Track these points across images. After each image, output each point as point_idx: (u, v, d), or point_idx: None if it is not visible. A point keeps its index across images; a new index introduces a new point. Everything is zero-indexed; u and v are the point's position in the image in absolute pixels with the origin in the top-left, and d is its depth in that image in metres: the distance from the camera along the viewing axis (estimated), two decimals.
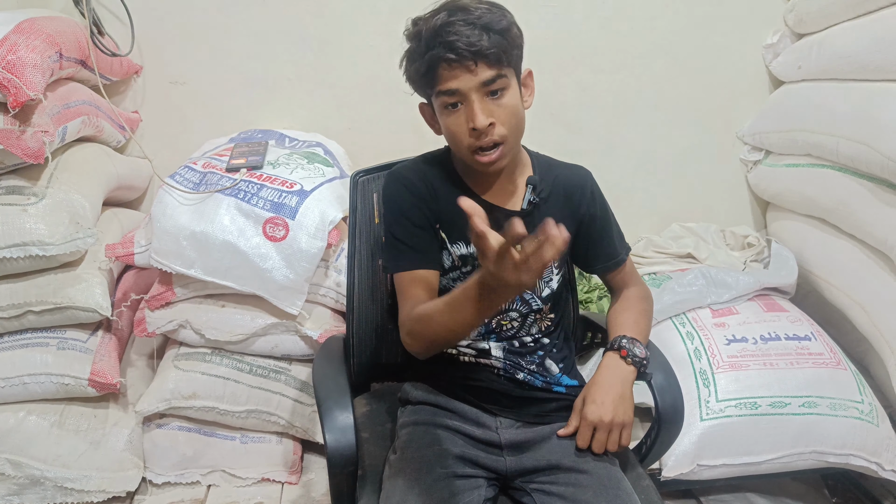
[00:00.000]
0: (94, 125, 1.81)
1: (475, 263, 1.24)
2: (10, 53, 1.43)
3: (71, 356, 1.63)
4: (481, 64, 1.08)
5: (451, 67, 1.09)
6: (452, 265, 1.25)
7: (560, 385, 1.28)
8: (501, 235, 0.88)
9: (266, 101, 2.16)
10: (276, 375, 1.77)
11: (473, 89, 1.10)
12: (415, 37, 1.12)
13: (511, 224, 0.83)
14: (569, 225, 1.27)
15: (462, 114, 1.12)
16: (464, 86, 1.09)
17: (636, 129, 2.35)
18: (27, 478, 1.63)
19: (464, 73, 1.09)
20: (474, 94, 1.10)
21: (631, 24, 2.22)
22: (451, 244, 1.24)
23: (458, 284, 1.23)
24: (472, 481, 1.14)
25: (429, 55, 1.09)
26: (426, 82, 1.13)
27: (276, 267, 1.63)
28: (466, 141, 1.13)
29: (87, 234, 1.57)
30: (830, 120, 1.90)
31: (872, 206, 1.78)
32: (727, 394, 1.69)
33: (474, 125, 1.10)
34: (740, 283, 1.94)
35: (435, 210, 1.23)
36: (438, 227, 1.24)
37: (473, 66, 1.08)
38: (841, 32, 1.98)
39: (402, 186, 1.25)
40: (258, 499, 1.78)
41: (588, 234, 1.31)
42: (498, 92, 1.12)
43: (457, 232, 1.23)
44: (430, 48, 1.09)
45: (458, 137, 1.14)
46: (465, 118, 1.11)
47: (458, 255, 1.24)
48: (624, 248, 1.36)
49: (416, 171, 1.26)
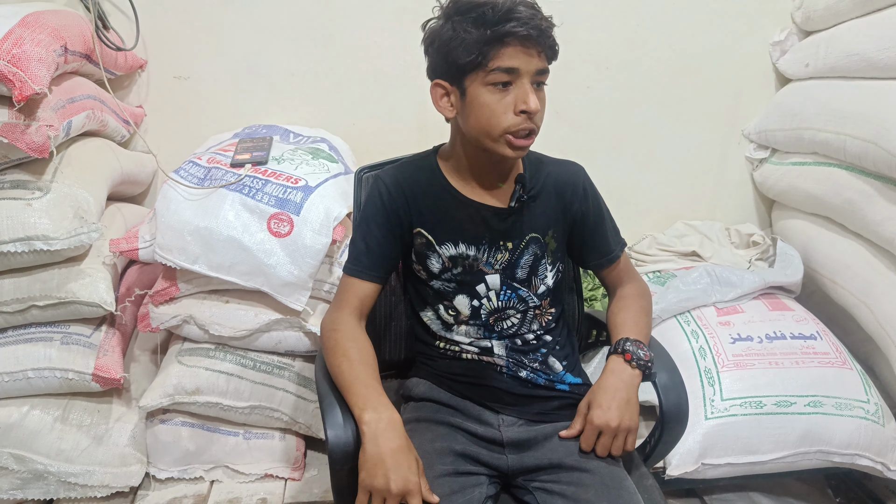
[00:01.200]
0: (98, 120, 1.81)
1: (465, 264, 1.25)
2: (16, 47, 1.43)
3: (75, 351, 1.63)
4: (542, 53, 1.11)
5: (520, 45, 1.08)
6: (443, 267, 1.26)
7: (563, 383, 1.27)
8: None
9: (270, 97, 2.16)
10: (280, 371, 1.76)
11: (530, 73, 1.10)
12: (473, 8, 1.09)
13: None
14: (560, 222, 1.29)
15: (510, 94, 1.11)
16: (525, 66, 1.09)
17: (641, 127, 2.34)
18: (30, 472, 1.63)
19: (529, 55, 1.09)
20: (528, 78, 1.10)
21: (637, 21, 2.21)
22: (440, 245, 1.25)
23: (451, 286, 1.25)
24: (473, 478, 1.14)
25: (500, 28, 1.07)
26: (483, 53, 1.09)
27: (281, 263, 1.62)
28: (507, 122, 1.11)
29: (91, 229, 1.57)
30: (838, 118, 1.89)
31: (879, 204, 1.77)
32: (732, 393, 1.68)
33: (527, 107, 1.10)
34: (745, 282, 1.93)
35: (413, 215, 1.24)
36: (419, 231, 1.25)
37: (537, 52, 1.10)
38: (849, 30, 1.97)
39: (376, 192, 1.27)
40: (261, 495, 1.78)
41: (581, 230, 1.31)
42: (541, 85, 1.14)
43: (443, 233, 1.24)
44: (504, 20, 1.07)
45: (498, 118, 1.11)
46: (512, 98, 1.11)
47: (447, 255, 1.25)
48: (618, 244, 1.35)
49: (395, 178, 1.27)
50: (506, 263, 1.25)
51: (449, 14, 1.11)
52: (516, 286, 1.26)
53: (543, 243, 1.27)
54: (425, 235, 1.25)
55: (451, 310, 1.28)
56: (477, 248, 1.24)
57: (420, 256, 1.27)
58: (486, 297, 1.26)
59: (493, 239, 1.24)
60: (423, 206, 1.24)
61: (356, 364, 1.14)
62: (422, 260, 1.27)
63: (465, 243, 1.24)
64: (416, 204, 1.24)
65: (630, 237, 1.79)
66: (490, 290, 1.26)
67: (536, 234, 1.26)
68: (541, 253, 1.27)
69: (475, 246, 1.24)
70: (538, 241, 1.26)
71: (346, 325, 1.21)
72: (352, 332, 1.20)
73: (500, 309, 1.26)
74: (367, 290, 1.24)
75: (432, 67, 1.18)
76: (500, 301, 1.26)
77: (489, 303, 1.26)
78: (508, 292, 1.26)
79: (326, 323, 1.23)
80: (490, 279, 1.25)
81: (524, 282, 1.27)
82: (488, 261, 1.25)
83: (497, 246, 1.24)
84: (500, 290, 1.26)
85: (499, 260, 1.25)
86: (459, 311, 1.27)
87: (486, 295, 1.26)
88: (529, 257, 1.26)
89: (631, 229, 1.40)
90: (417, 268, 1.29)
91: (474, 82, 1.12)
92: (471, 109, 1.14)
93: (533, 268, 1.27)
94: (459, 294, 1.26)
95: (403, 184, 1.25)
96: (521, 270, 1.26)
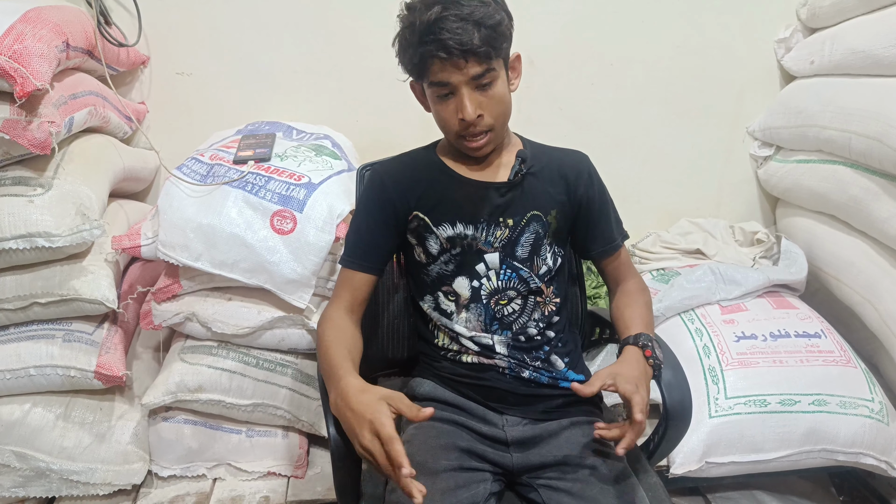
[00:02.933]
0: (100, 116, 1.80)
1: (464, 244, 1.26)
2: (17, 43, 1.42)
3: (77, 348, 1.63)
4: (472, 61, 1.12)
5: (442, 63, 1.12)
6: (441, 248, 1.27)
7: (566, 380, 1.27)
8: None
9: (273, 93, 2.15)
10: (283, 369, 1.76)
11: (463, 83, 1.14)
12: (408, 26, 1.14)
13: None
14: (565, 204, 1.30)
15: (452, 103, 1.17)
16: (454, 80, 1.14)
17: (645, 124, 2.34)
18: (32, 470, 1.63)
19: (454, 69, 1.13)
20: (464, 88, 1.14)
21: (641, 18, 2.20)
22: (437, 227, 1.26)
23: (450, 268, 1.26)
24: (477, 474, 1.14)
25: (421, 50, 1.12)
26: (418, 72, 1.17)
27: (284, 260, 1.62)
28: (455, 128, 1.19)
29: (93, 226, 1.56)
30: (843, 115, 1.89)
31: (884, 202, 1.77)
32: (736, 391, 1.68)
33: (463, 117, 1.15)
34: (749, 280, 1.92)
35: (409, 201, 1.27)
36: (416, 214, 1.27)
37: (464, 63, 1.12)
38: (854, 27, 1.96)
39: (370, 184, 1.32)
40: (264, 493, 1.78)
41: (587, 216, 1.33)
42: (487, 84, 1.16)
43: (440, 214, 1.26)
44: (422, 43, 1.11)
45: (448, 124, 1.20)
46: (454, 108, 1.16)
47: (444, 236, 1.26)
48: (621, 234, 1.37)
49: (390, 168, 1.32)
50: (505, 241, 1.25)
51: (400, 22, 1.17)
52: (517, 265, 1.26)
53: (546, 222, 1.27)
54: (422, 218, 1.26)
55: (450, 295, 1.28)
56: (475, 227, 1.25)
57: (420, 240, 1.29)
58: (485, 276, 1.26)
59: (493, 215, 1.25)
60: (420, 190, 1.27)
61: (336, 351, 1.15)
62: (421, 243, 1.29)
63: (462, 223, 1.25)
64: (413, 189, 1.27)
65: (634, 235, 1.79)
66: (490, 269, 1.26)
67: (538, 212, 1.27)
68: (542, 232, 1.27)
69: (473, 225, 1.25)
70: (540, 219, 1.27)
71: (332, 317, 1.24)
72: (336, 321, 1.23)
73: (501, 290, 1.26)
74: (359, 280, 1.27)
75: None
76: (501, 280, 1.26)
77: (489, 282, 1.26)
78: (509, 272, 1.26)
79: (320, 318, 1.26)
80: (489, 258, 1.26)
81: (525, 261, 1.27)
82: (487, 239, 1.25)
83: (496, 223, 1.25)
84: (499, 269, 1.26)
85: (498, 237, 1.25)
86: (459, 295, 1.27)
87: (486, 274, 1.26)
88: (531, 235, 1.26)
89: (635, 227, 1.40)
90: (418, 251, 1.30)
91: (427, 92, 1.21)
92: (433, 114, 1.23)
93: (535, 247, 1.27)
94: (459, 276, 1.27)
95: (399, 171, 1.29)
96: (522, 249, 1.26)
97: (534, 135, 1.37)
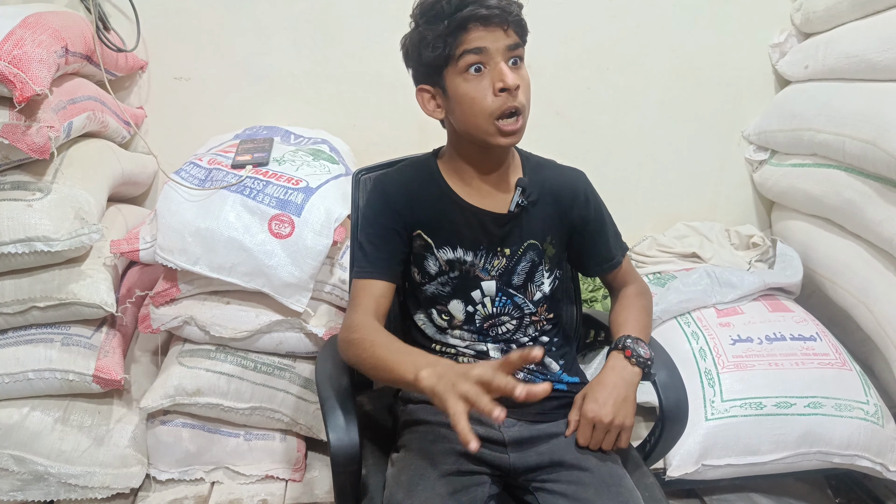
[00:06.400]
0: (99, 121, 1.81)
1: (462, 269, 1.24)
2: (17, 48, 1.43)
3: (75, 352, 1.63)
4: (510, 29, 1.10)
5: (483, 26, 1.08)
6: (440, 270, 1.25)
7: (561, 382, 1.28)
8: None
9: (271, 98, 2.16)
10: (281, 373, 1.76)
11: (501, 51, 1.10)
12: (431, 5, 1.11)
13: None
14: (557, 228, 1.28)
15: (485, 77, 1.10)
16: (493, 45, 1.09)
17: (641, 128, 2.34)
18: (31, 473, 1.63)
19: (494, 34, 1.09)
20: (500, 56, 1.10)
21: (637, 22, 2.21)
22: (438, 249, 1.24)
23: (446, 290, 1.25)
24: (476, 478, 1.14)
25: (461, 13, 1.07)
26: (448, 44, 1.10)
27: (282, 264, 1.63)
28: (490, 106, 1.10)
29: (92, 230, 1.56)
30: (837, 119, 1.90)
31: (879, 205, 1.77)
32: (732, 394, 1.69)
33: (505, 83, 1.08)
34: (745, 283, 1.93)
35: (414, 217, 1.23)
36: (419, 233, 1.24)
37: (505, 26, 1.09)
38: (848, 32, 1.97)
39: (377, 194, 1.27)
40: (262, 496, 1.78)
41: (581, 238, 1.31)
42: (518, 61, 1.13)
43: (442, 237, 1.24)
44: (461, 6, 1.08)
45: (479, 104, 1.11)
46: (489, 82, 1.10)
47: (444, 259, 1.24)
48: (620, 250, 1.35)
49: (395, 180, 1.27)
50: (502, 269, 1.25)
51: (416, 19, 1.15)
52: (512, 293, 1.26)
53: (541, 250, 1.26)
54: (425, 238, 1.24)
55: (444, 314, 1.28)
56: (474, 254, 1.24)
57: (417, 258, 1.27)
58: (480, 303, 1.25)
59: (491, 245, 1.24)
60: (423, 209, 1.24)
61: (390, 344, 1.09)
62: (419, 262, 1.27)
63: (462, 248, 1.23)
64: (417, 206, 1.24)
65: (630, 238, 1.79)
66: (485, 296, 1.25)
67: (535, 240, 1.25)
68: (538, 259, 1.26)
69: (473, 251, 1.23)
70: (536, 247, 1.26)
71: (364, 325, 1.14)
72: (373, 327, 1.14)
73: (495, 315, 1.26)
74: (381, 289, 1.20)
75: (413, 75, 1.21)
76: (495, 307, 1.26)
77: (483, 309, 1.26)
78: (504, 298, 1.26)
79: (342, 332, 1.18)
80: (486, 285, 1.25)
81: (520, 288, 1.26)
82: (485, 267, 1.24)
83: (494, 252, 1.24)
84: (495, 296, 1.25)
85: (496, 266, 1.24)
86: (453, 316, 1.27)
87: (481, 301, 1.25)
88: (527, 264, 1.25)
89: (631, 230, 1.40)
90: (413, 270, 1.29)
91: (450, 75, 1.13)
92: (455, 104, 1.14)
93: (530, 274, 1.26)
94: (454, 299, 1.26)
95: (404, 186, 1.25)
96: (518, 277, 1.26)
97: (531, 139, 1.36)
